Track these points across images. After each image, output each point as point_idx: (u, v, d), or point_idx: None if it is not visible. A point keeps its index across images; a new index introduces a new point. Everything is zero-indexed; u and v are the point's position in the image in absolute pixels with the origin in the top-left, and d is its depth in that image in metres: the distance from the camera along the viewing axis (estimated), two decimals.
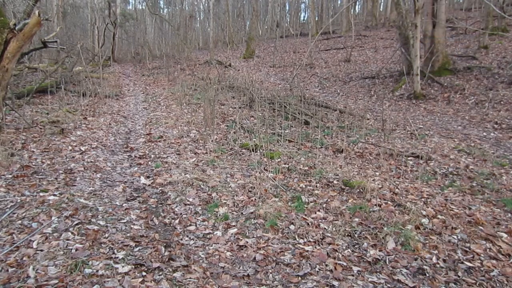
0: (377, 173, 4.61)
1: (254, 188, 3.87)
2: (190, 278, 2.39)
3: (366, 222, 3.26)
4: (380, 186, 4.03)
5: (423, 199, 3.76)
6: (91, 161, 4.77)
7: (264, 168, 4.52)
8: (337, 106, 9.06)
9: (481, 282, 2.46)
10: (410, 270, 2.61)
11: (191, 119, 7.34)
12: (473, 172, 4.69)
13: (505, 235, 3.04)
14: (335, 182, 4.17)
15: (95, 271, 2.35)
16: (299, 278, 2.47)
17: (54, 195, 3.51)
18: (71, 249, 2.59)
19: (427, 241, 2.96)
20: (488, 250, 2.85)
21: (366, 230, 3.12)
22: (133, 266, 2.45)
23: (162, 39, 23.67)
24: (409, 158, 5.23)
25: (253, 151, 5.25)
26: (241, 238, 2.95)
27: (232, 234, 3.02)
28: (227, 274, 2.48)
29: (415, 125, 7.35)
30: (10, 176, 3.93)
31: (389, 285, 2.43)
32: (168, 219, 3.27)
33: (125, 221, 3.16)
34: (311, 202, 3.65)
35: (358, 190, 3.91)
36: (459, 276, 2.54)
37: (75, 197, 3.51)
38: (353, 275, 2.52)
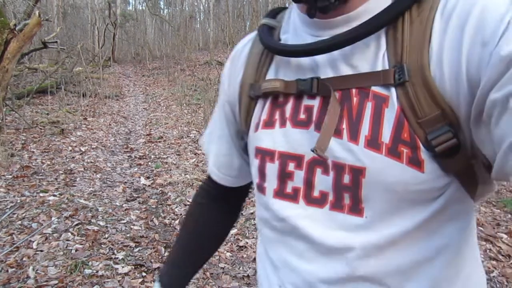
0: None
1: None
2: None
3: None
4: None
5: None
6: (91, 162, 4.78)
7: None
8: None
9: None
10: None
11: (191, 119, 7.34)
12: None
13: (505, 236, 3.04)
14: None
15: (95, 271, 2.35)
16: None
17: (54, 195, 3.51)
18: (71, 249, 2.59)
19: None
20: (488, 251, 2.85)
21: None
22: (133, 267, 2.45)
23: (162, 40, 23.69)
24: None
25: None
26: (241, 239, 2.95)
27: (232, 234, 3.02)
28: (227, 274, 2.48)
29: None
30: (10, 176, 3.93)
31: None
32: (168, 219, 3.27)
33: (125, 221, 3.16)
34: None
35: None
36: None
37: (75, 197, 3.51)
38: None
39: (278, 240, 0.58)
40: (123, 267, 2.44)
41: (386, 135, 0.45)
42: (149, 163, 4.90)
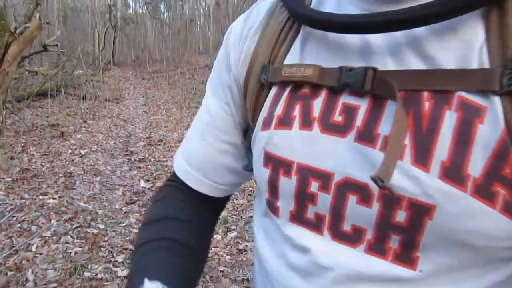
0: None
1: (253, 191, 3.87)
2: None
3: None
4: None
5: None
6: (91, 165, 4.78)
7: None
8: None
9: None
10: None
11: (191, 122, 7.35)
12: None
13: None
14: None
15: (94, 274, 2.35)
16: None
17: (54, 198, 3.51)
18: (70, 252, 2.59)
19: None
20: None
21: None
22: None
23: (163, 43, 23.76)
24: None
25: None
26: (240, 242, 2.95)
27: (231, 238, 3.01)
28: (226, 278, 2.48)
29: None
30: (9, 179, 3.93)
31: None
32: None
33: (124, 224, 3.15)
34: None
35: None
36: None
37: (75, 200, 3.51)
38: None
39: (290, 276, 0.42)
40: (122, 270, 2.43)
41: (476, 165, 0.31)
42: (149, 166, 4.90)
